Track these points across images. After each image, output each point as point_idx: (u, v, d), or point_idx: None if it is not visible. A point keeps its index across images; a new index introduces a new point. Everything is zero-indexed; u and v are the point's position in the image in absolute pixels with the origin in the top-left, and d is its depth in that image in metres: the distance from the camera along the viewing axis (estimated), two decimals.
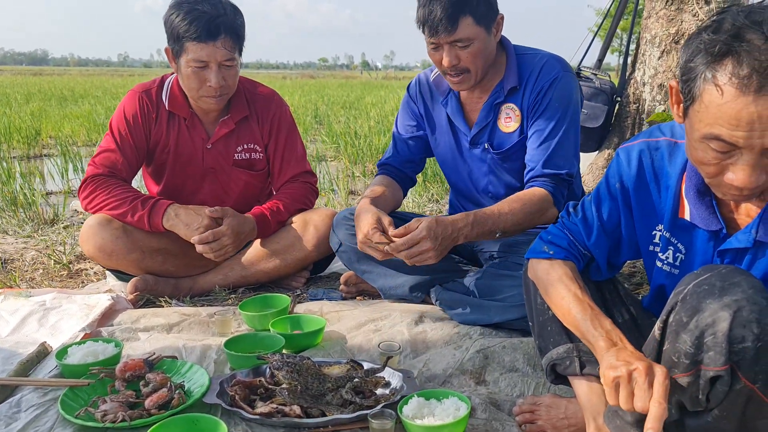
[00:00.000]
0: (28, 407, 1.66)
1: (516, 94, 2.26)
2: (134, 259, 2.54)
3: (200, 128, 2.65)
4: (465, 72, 2.18)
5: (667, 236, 1.42)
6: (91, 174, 2.56)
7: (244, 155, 2.71)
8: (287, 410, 1.59)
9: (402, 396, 1.62)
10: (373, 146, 6.80)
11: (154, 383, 1.68)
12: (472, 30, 2.10)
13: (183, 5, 2.40)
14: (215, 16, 2.37)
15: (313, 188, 2.79)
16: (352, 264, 2.46)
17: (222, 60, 2.42)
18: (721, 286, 1.15)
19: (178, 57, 2.45)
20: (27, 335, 2.17)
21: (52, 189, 5.34)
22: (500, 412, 1.67)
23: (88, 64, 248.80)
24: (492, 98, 2.28)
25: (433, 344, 2.04)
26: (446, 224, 2.06)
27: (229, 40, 2.42)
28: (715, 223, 1.31)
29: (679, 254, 1.41)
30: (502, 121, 2.29)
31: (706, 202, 1.32)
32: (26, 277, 2.96)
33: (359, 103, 15.16)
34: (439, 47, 2.15)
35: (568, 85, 2.22)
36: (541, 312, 1.58)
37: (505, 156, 2.32)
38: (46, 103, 14.47)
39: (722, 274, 1.17)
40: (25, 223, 3.93)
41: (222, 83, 2.46)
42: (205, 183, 2.72)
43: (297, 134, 2.81)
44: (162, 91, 2.63)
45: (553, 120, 2.19)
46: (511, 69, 2.25)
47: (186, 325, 2.25)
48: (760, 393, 1.14)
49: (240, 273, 2.65)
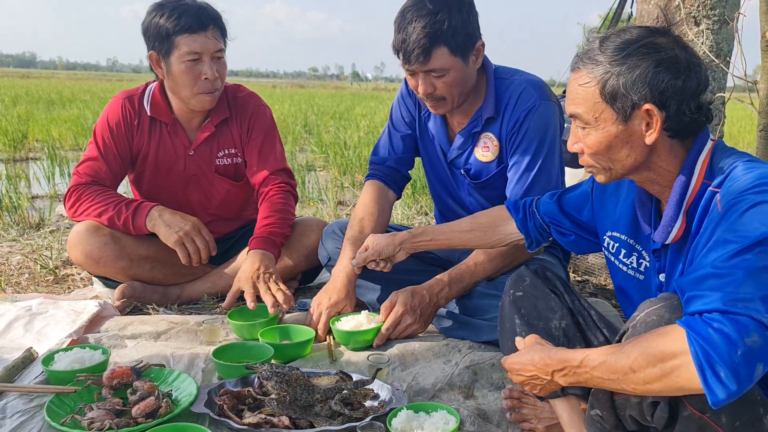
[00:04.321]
0: (14, 413, 1.64)
1: (494, 123, 2.23)
2: (122, 266, 2.52)
3: (182, 134, 2.63)
4: (441, 99, 2.15)
5: (631, 243, 1.52)
6: (75, 183, 2.55)
7: (225, 161, 2.68)
8: (276, 421, 1.59)
9: (391, 408, 1.63)
10: (363, 157, 6.81)
11: (142, 391, 1.67)
12: (446, 60, 2.05)
13: (165, 5, 2.43)
14: (201, 8, 2.45)
15: (292, 192, 2.68)
16: None
17: (214, 51, 2.45)
18: (668, 318, 1.21)
19: (168, 56, 2.44)
20: (12, 340, 2.14)
21: (38, 193, 5.31)
22: (489, 424, 1.68)
23: (77, 68, 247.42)
24: (470, 126, 2.26)
25: (422, 356, 2.05)
26: (422, 294, 2.14)
27: (217, 30, 2.47)
28: (647, 227, 1.44)
29: (643, 261, 1.50)
30: (479, 150, 2.27)
31: (646, 209, 1.44)
32: (12, 281, 2.93)
33: (349, 114, 15.18)
34: (414, 74, 2.11)
35: (545, 113, 2.16)
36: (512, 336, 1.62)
37: (484, 185, 2.31)
38: (34, 106, 14.36)
39: (673, 306, 1.23)
40: (10, 227, 3.89)
41: (216, 75, 2.47)
42: (188, 191, 2.70)
43: (276, 135, 2.75)
44: (144, 97, 2.62)
45: (530, 153, 2.15)
46: (489, 97, 2.21)
47: (174, 333, 2.23)
48: (713, 423, 1.17)
49: (228, 281, 2.62)
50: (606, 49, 1.30)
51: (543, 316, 1.63)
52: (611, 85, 1.28)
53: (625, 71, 1.27)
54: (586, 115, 1.33)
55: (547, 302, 1.65)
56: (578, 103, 1.34)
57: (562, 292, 1.68)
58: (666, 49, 1.27)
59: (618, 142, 1.32)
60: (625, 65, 1.27)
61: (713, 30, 2.66)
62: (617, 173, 1.38)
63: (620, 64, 1.27)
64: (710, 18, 2.66)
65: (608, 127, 1.31)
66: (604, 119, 1.31)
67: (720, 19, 2.65)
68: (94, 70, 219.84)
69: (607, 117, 1.31)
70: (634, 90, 1.26)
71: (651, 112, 1.27)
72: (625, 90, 1.27)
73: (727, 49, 2.72)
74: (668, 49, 1.27)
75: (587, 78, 1.32)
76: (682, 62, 1.27)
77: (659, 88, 1.26)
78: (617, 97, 1.28)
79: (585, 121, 1.34)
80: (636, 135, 1.31)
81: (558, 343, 1.60)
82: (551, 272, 1.72)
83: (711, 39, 2.66)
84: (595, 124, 1.33)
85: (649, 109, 1.27)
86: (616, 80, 1.27)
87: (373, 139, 8.32)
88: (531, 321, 1.63)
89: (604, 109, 1.30)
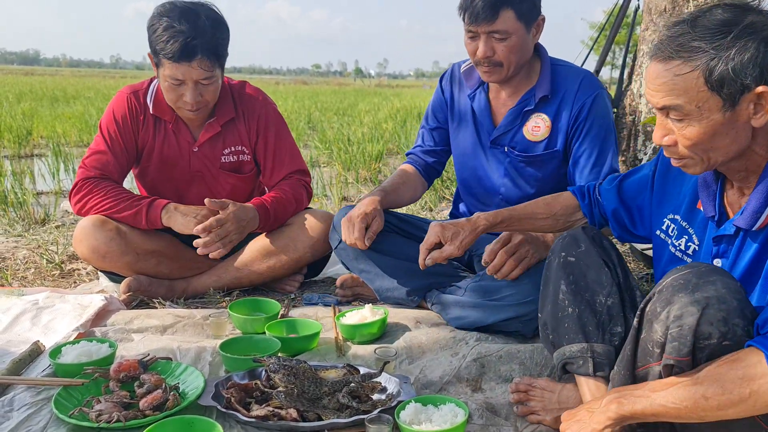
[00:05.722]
0: (21, 406, 1.64)
1: (547, 103, 2.27)
2: (128, 261, 2.51)
3: (186, 132, 2.62)
4: (498, 65, 2.18)
5: (684, 225, 1.49)
6: (83, 177, 2.53)
7: (231, 158, 2.68)
8: (283, 413, 1.58)
9: (399, 401, 1.62)
10: (366, 153, 6.80)
11: (149, 384, 1.66)
12: (511, 24, 2.11)
13: (163, 19, 2.35)
14: (192, 37, 2.30)
15: (307, 187, 2.75)
16: (350, 262, 2.43)
17: (198, 78, 2.38)
18: (695, 282, 1.21)
19: (158, 67, 2.43)
20: (19, 334, 2.15)
21: (43, 189, 5.30)
22: (497, 417, 1.67)
23: (80, 65, 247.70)
24: (521, 105, 2.29)
25: (429, 349, 2.04)
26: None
27: (206, 60, 2.35)
28: (711, 209, 1.40)
29: (692, 244, 1.47)
30: (528, 129, 2.30)
31: (711, 191, 1.41)
32: (18, 275, 2.93)
33: (352, 110, 15.17)
34: (476, 36, 2.16)
35: (606, 103, 2.25)
36: (561, 308, 1.61)
37: (529, 161, 2.33)
38: (38, 102, 14.38)
39: (700, 272, 1.23)
40: (15, 223, 3.90)
41: (198, 99, 2.42)
42: (193, 186, 2.70)
43: (286, 131, 2.77)
44: (148, 94, 2.61)
45: (599, 139, 2.22)
46: (544, 77, 2.26)
47: (180, 327, 2.23)
48: (763, 423, 1.18)
49: (234, 274, 2.63)
50: (704, 34, 1.22)
51: (591, 288, 1.59)
52: (720, 71, 1.20)
53: (735, 55, 1.20)
54: (687, 106, 1.25)
55: (599, 274, 1.60)
56: (677, 94, 1.25)
57: (615, 265, 1.63)
58: (766, 25, 1.22)
59: (723, 129, 1.26)
60: (734, 48, 1.20)
61: None
62: (715, 162, 1.32)
63: (728, 48, 1.20)
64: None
65: (714, 116, 1.24)
66: (708, 108, 1.24)
67: None
68: (97, 68, 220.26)
69: (713, 105, 1.24)
70: (744, 74, 1.20)
71: (764, 94, 1.22)
72: (734, 75, 1.20)
73: None
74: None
75: (687, 67, 1.23)
76: None
77: None
78: (725, 83, 1.21)
79: (685, 112, 1.26)
80: (741, 120, 1.25)
81: (600, 319, 1.57)
82: (608, 241, 1.67)
83: None
84: (698, 114, 1.25)
85: (763, 91, 1.22)
86: (725, 65, 1.20)
87: (377, 135, 8.31)
88: (578, 291, 1.59)
89: (710, 97, 1.23)
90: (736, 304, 1.18)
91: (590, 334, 1.56)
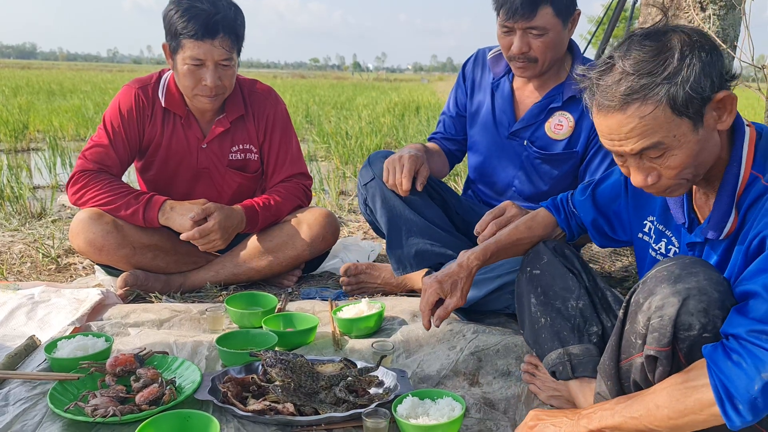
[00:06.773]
0: (17, 401, 1.63)
1: (574, 102, 2.23)
2: (124, 254, 2.50)
3: (196, 127, 2.62)
4: (533, 61, 2.16)
5: (660, 228, 1.52)
6: (82, 168, 2.53)
7: (239, 156, 2.68)
8: (280, 408, 1.58)
9: (396, 395, 1.62)
10: (364, 147, 6.78)
11: (145, 378, 1.66)
12: (549, 20, 2.09)
13: (183, 1, 2.37)
14: (214, 14, 2.34)
15: (306, 190, 2.76)
16: (374, 200, 2.33)
17: (219, 59, 2.39)
18: (678, 274, 1.22)
19: (175, 54, 2.42)
20: (15, 328, 2.14)
21: (40, 183, 5.29)
22: (494, 411, 1.67)
23: (77, 59, 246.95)
24: (547, 100, 2.26)
25: (426, 343, 2.04)
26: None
27: (228, 39, 2.38)
28: (681, 216, 1.42)
29: (672, 246, 1.49)
30: (551, 126, 2.27)
31: (678, 199, 1.43)
32: (14, 270, 2.92)
33: (350, 104, 15.14)
34: (511, 32, 2.13)
35: None
36: (536, 320, 1.67)
37: (547, 159, 2.30)
38: (35, 96, 14.32)
39: (684, 264, 1.25)
40: (11, 217, 3.88)
41: (218, 83, 2.43)
42: (199, 183, 2.69)
43: (292, 134, 2.77)
44: (159, 88, 2.60)
45: None
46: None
47: (177, 321, 2.22)
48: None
49: (231, 270, 2.63)
50: (646, 70, 1.21)
51: (560, 296, 1.63)
52: (682, 95, 1.20)
53: (687, 75, 1.20)
54: (666, 139, 1.24)
55: (565, 281, 1.64)
56: (652, 133, 1.23)
57: (580, 271, 1.68)
58: (691, 36, 1.23)
59: (702, 145, 1.26)
60: (683, 69, 1.20)
61: (719, 15, 2.64)
62: (698, 177, 1.32)
63: (677, 71, 1.20)
64: (716, 3, 2.63)
65: (689, 137, 1.24)
66: (683, 133, 1.24)
67: (726, 4, 2.63)
68: (94, 61, 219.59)
69: (685, 129, 1.24)
70: (701, 88, 1.20)
71: (724, 98, 1.23)
72: (694, 93, 1.20)
73: (734, 35, 2.70)
74: (693, 35, 1.24)
75: (649, 106, 1.21)
76: (705, 42, 1.24)
77: (717, 70, 1.22)
78: (689, 104, 1.21)
79: (665, 145, 1.25)
80: (710, 129, 1.26)
81: (574, 323, 1.61)
82: (569, 250, 1.71)
83: (717, 24, 2.64)
84: (677, 142, 1.24)
85: (723, 96, 1.23)
86: (683, 88, 1.20)
87: (375, 129, 8.30)
88: (547, 301, 1.64)
89: (680, 122, 1.23)
90: (717, 295, 1.19)
91: (565, 338, 1.61)
